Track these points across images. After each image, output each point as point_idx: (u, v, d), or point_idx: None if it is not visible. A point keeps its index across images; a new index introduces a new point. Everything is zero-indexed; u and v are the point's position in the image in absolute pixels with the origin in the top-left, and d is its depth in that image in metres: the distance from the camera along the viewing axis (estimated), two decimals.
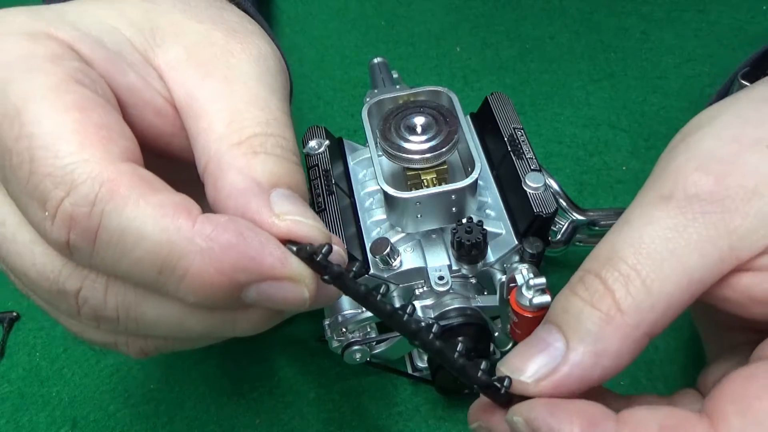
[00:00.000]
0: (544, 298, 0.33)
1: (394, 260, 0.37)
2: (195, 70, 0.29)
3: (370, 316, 0.34)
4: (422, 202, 0.36)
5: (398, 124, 0.38)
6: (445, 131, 0.37)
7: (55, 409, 0.43)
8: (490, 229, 0.37)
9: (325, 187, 0.39)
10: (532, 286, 0.33)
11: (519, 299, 0.33)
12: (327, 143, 0.41)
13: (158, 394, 0.43)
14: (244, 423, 0.41)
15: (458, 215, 0.37)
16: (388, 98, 0.41)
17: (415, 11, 0.61)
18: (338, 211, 0.38)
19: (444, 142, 0.37)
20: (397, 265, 0.37)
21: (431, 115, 0.38)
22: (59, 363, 0.44)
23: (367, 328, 0.36)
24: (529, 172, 0.38)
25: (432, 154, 0.37)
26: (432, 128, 0.38)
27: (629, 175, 0.50)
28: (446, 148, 0.37)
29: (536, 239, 0.36)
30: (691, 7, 0.60)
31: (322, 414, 0.41)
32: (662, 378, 0.42)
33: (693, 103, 0.54)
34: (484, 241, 0.36)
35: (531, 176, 0.37)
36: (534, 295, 0.33)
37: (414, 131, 0.38)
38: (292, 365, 0.43)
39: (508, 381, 0.28)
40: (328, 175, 0.40)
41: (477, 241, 0.35)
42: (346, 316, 0.34)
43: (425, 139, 0.37)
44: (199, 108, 0.29)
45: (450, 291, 0.37)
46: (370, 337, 0.35)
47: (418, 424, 0.41)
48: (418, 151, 0.37)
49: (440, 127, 0.38)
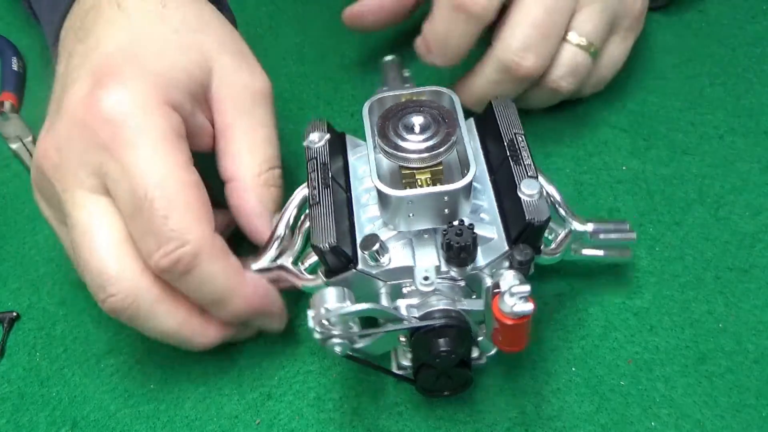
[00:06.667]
0: (527, 306, 0.32)
1: (383, 257, 0.37)
2: (234, 109, 0.42)
3: (353, 310, 0.34)
4: (414, 202, 0.36)
5: (397, 123, 0.38)
6: (443, 132, 0.37)
7: (55, 409, 0.43)
8: (482, 233, 0.37)
9: (321, 180, 0.39)
10: (515, 294, 0.33)
11: (501, 306, 0.33)
12: (327, 137, 0.41)
13: (158, 394, 0.43)
14: (244, 423, 0.41)
15: (450, 217, 0.37)
16: (390, 96, 0.41)
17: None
18: (332, 204, 0.38)
19: (441, 143, 0.37)
20: (385, 262, 0.37)
21: (430, 115, 0.38)
22: (59, 363, 0.44)
23: (350, 322, 0.36)
24: (525, 178, 0.37)
25: (428, 154, 0.37)
26: (430, 128, 0.38)
27: (629, 175, 0.50)
28: (443, 148, 0.37)
29: (526, 247, 0.36)
30: (691, 8, 0.60)
31: (322, 414, 0.41)
32: (662, 378, 0.42)
33: (693, 103, 0.54)
34: (474, 245, 0.36)
35: (526, 183, 0.37)
36: (516, 302, 0.33)
37: (412, 130, 0.38)
38: (292, 365, 0.43)
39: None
40: (326, 168, 0.40)
41: (466, 244, 0.35)
42: (329, 309, 0.35)
43: (422, 139, 0.37)
44: (231, 136, 0.42)
45: (435, 292, 0.37)
46: (352, 331, 0.35)
47: (418, 424, 0.41)
48: (414, 150, 0.37)
49: (438, 128, 0.38)
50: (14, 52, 0.60)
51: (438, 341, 0.35)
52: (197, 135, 0.41)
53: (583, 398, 0.41)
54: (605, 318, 0.44)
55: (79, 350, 0.45)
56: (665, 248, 0.47)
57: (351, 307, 0.34)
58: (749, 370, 0.42)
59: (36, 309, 0.47)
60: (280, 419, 0.41)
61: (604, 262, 0.45)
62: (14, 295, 0.48)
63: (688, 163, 0.51)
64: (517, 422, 0.40)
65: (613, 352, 0.43)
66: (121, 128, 0.37)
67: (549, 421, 0.40)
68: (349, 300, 0.35)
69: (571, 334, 0.43)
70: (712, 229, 0.47)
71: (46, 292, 0.47)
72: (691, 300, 0.45)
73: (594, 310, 0.44)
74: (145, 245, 0.37)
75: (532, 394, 0.41)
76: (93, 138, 0.37)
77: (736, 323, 0.43)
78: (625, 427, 0.40)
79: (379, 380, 0.42)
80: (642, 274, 0.46)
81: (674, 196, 0.49)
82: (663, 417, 0.40)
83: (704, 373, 0.42)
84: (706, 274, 0.46)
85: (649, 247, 0.47)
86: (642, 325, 0.44)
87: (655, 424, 0.40)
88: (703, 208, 0.48)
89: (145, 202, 0.36)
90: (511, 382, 0.42)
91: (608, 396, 0.41)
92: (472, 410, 0.41)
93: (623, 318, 0.44)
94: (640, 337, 0.43)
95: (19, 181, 0.53)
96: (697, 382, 0.41)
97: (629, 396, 0.41)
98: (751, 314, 0.44)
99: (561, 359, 0.42)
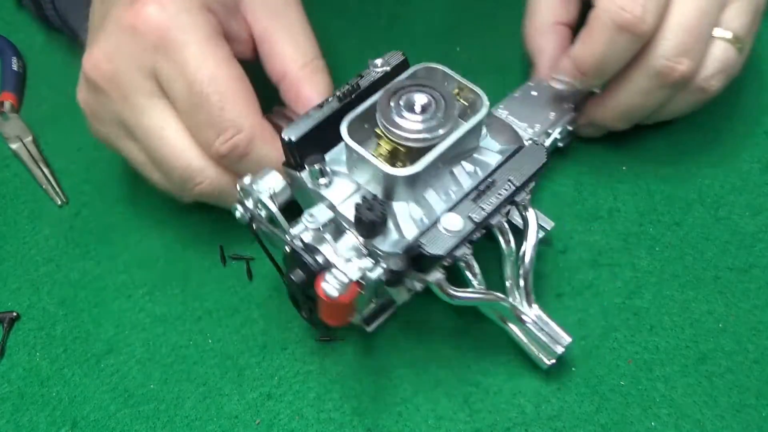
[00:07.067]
0: (333, 292, 0.35)
1: (321, 179, 0.39)
2: (268, 13, 0.45)
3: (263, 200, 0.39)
4: (359, 160, 0.38)
5: (399, 100, 0.39)
6: (438, 118, 0.38)
7: (55, 409, 0.43)
8: (401, 224, 0.38)
9: (344, 95, 0.40)
10: (336, 276, 0.35)
11: (323, 281, 0.35)
12: (387, 69, 0.42)
13: (158, 394, 0.43)
14: (244, 423, 0.41)
15: (385, 193, 0.38)
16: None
17: (415, 11, 0.61)
18: (330, 116, 0.40)
19: (433, 128, 0.38)
20: (321, 185, 0.39)
21: (433, 97, 0.39)
22: (59, 363, 0.44)
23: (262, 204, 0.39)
24: (460, 215, 0.37)
25: (417, 136, 0.37)
26: (430, 110, 0.38)
27: (629, 175, 0.50)
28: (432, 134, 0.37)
29: (399, 260, 0.36)
30: None
31: (322, 414, 0.41)
32: (662, 378, 0.42)
33: None
34: (381, 223, 0.36)
35: (451, 218, 0.37)
36: (332, 282, 0.35)
37: (412, 109, 0.38)
38: (292, 365, 0.43)
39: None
40: (359, 91, 0.41)
41: (371, 219, 0.36)
42: (255, 183, 0.39)
43: (422, 120, 0.38)
44: (271, 39, 0.45)
45: (319, 230, 0.38)
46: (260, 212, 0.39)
47: (418, 424, 0.41)
48: (412, 130, 0.38)
49: (438, 111, 0.38)
50: (14, 52, 0.60)
51: (295, 268, 0.38)
52: (234, 41, 0.44)
53: (583, 398, 0.41)
54: (605, 318, 0.44)
55: (79, 350, 0.45)
56: (665, 248, 0.47)
57: (262, 196, 0.39)
58: (749, 370, 0.42)
59: (36, 309, 0.47)
60: (280, 419, 0.41)
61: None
62: (14, 295, 0.48)
63: (688, 163, 0.51)
64: (517, 422, 0.40)
65: (613, 352, 0.43)
66: (169, 30, 0.40)
67: (549, 421, 0.40)
68: (278, 192, 0.39)
69: (571, 334, 0.43)
70: (712, 229, 0.47)
71: (46, 292, 0.47)
72: (691, 300, 0.45)
73: (594, 310, 0.44)
74: (204, 136, 0.41)
75: (532, 394, 0.41)
76: (143, 42, 0.40)
77: (736, 323, 0.43)
78: (625, 427, 0.40)
79: (380, 380, 0.42)
80: (642, 274, 0.46)
81: (674, 196, 0.49)
82: (663, 417, 0.40)
83: (704, 373, 0.42)
84: (705, 274, 0.46)
85: (649, 247, 0.47)
86: (642, 325, 0.44)
87: (655, 424, 0.40)
88: (703, 208, 0.48)
89: (202, 97, 0.40)
90: (511, 382, 0.42)
91: (608, 396, 0.41)
92: (472, 410, 0.41)
93: (623, 318, 0.44)
94: (640, 337, 0.43)
95: (19, 181, 0.53)
96: (697, 382, 0.41)
97: (629, 396, 0.41)
98: (751, 314, 0.44)
99: (561, 359, 0.42)
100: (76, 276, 0.48)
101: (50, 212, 0.51)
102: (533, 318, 0.41)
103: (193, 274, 0.47)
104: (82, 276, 0.48)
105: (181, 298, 0.46)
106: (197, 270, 0.48)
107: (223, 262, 0.48)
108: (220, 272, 0.47)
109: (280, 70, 0.44)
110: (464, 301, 0.40)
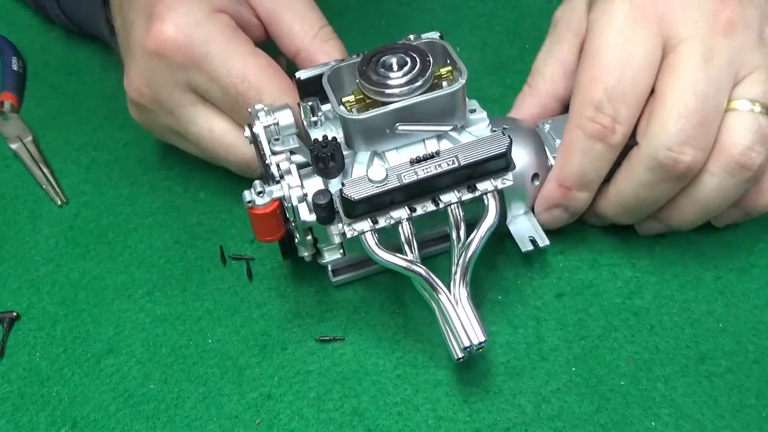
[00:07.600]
0: (257, 201, 0.38)
1: (314, 116, 0.42)
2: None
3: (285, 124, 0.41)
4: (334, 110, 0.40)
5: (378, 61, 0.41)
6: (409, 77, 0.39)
7: (55, 409, 0.43)
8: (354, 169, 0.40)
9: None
10: (260, 192, 0.38)
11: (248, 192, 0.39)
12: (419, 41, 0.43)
13: (158, 394, 0.43)
14: (244, 423, 0.41)
15: (346, 141, 0.41)
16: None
17: (415, 11, 0.61)
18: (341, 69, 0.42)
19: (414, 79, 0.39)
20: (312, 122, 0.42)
21: (408, 59, 0.40)
22: (59, 363, 0.44)
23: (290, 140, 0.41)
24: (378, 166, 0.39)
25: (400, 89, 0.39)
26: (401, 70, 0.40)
27: None
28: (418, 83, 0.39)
29: (321, 195, 0.38)
30: None
31: (322, 414, 0.41)
32: (662, 378, 0.42)
33: None
34: (330, 162, 0.39)
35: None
36: (254, 196, 0.38)
37: (385, 66, 0.40)
38: (292, 365, 0.43)
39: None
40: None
41: (324, 156, 0.38)
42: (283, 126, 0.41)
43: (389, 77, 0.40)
44: (278, 17, 0.47)
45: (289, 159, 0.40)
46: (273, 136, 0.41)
47: (418, 424, 0.41)
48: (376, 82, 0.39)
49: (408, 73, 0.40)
50: (14, 52, 0.60)
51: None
52: (247, 29, 0.46)
53: (583, 398, 0.41)
54: (605, 318, 0.44)
55: (79, 350, 0.45)
56: (665, 248, 0.47)
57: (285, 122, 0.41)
58: (749, 370, 0.42)
59: (36, 309, 0.47)
60: (280, 419, 0.41)
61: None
62: (14, 295, 0.48)
63: None
64: (517, 422, 0.40)
65: (613, 352, 0.43)
66: (190, 47, 0.43)
67: (549, 421, 0.40)
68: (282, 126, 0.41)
69: (571, 334, 0.43)
70: (713, 229, 0.47)
71: (46, 292, 0.48)
72: (691, 300, 0.45)
73: (594, 310, 0.44)
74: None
75: (532, 394, 0.41)
76: (171, 64, 0.43)
77: (736, 323, 0.43)
78: (625, 427, 0.40)
79: (379, 380, 0.42)
80: (642, 274, 0.46)
81: None
82: (663, 417, 0.40)
83: (704, 373, 0.42)
84: (706, 274, 0.46)
85: (649, 247, 0.47)
86: (642, 325, 0.44)
87: (655, 424, 0.40)
88: None
89: (239, 97, 0.43)
90: (511, 382, 0.42)
91: (608, 396, 0.41)
92: (472, 410, 0.41)
93: (623, 318, 0.44)
94: (640, 337, 0.43)
95: (19, 181, 0.53)
96: (697, 382, 0.41)
97: (629, 396, 0.41)
98: (751, 314, 0.44)
99: (561, 359, 0.42)
100: (76, 276, 0.48)
101: (50, 212, 0.51)
102: (451, 300, 0.39)
103: (193, 274, 0.47)
104: (82, 276, 0.48)
105: (181, 298, 0.46)
106: (197, 270, 0.48)
107: (223, 262, 0.48)
108: (220, 272, 0.48)
109: (292, 48, 0.47)
110: (385, 262, 0.40)
